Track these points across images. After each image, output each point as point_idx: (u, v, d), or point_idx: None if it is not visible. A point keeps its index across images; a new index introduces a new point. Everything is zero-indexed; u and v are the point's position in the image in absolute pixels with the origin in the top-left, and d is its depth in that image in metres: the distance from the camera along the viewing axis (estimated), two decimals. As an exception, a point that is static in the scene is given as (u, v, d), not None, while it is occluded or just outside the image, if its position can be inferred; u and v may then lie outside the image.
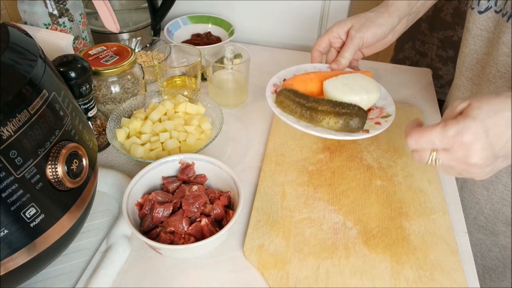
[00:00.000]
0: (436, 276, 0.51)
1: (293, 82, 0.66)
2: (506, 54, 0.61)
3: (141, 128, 0.64)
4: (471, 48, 0.68)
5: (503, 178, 0.68)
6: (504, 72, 0.62)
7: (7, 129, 0.36)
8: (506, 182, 0.68)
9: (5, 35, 0.40)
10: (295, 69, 0.71)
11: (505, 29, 0.60)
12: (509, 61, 0.61)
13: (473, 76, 0.70)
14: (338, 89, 0.61)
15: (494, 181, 0.70)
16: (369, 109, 0.64)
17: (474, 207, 0.75)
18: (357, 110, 0.58)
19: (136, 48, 0.89)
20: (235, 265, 0.53)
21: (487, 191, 0.72)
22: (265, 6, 0.96)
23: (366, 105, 0.62)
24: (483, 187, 0.72)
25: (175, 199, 0.52)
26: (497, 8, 0.61)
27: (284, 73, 0.70)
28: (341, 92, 0.61)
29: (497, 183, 0.69)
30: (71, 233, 0.45)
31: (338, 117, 0.58)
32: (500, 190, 0.70)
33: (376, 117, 0.62)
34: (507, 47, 0.60)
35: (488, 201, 0.72)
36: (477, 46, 0.67)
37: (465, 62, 0.70)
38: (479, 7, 0.64)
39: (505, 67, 0.62)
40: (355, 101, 0.60)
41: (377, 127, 0.60)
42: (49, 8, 0.73)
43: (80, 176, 0.44)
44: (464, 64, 0.71)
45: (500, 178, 0.68)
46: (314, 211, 0.59)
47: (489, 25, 0.64)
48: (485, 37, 0.65)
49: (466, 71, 0.71)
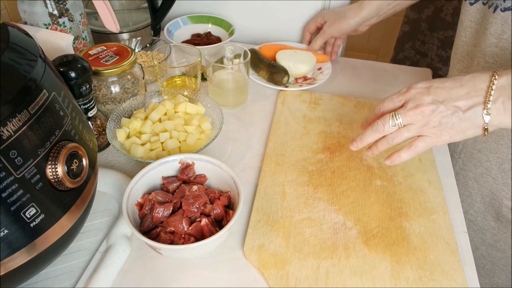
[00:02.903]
0: (436, 276, 0.51)
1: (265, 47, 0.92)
2: (494, 44, 0.62)
3: (141, 128, 0.64)
4: (462, 40, 0.69)
5: (493, 171, 0.69)
6: (492, 62, 0.63)
7: (7, 129, 0.36)
8: (495, 175, 0.69)
9: (5, 35, 0.40)
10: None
11: (492, 19, 0.60)
12: (496, 51, 0.62)
13: (463, 68, 0.71)
14: (282, 56, 0.87)
15: (484, 173, 0.70)
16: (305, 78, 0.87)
17: (465, 200, 0.75)
18: (280, 70, 0.83)
19: (136, 48, 0.89)
20: (235, 265, 0.53)
21: (477, 184, 0.72)
22: (265, 6, 0.96)
23: (295, 71, 0.85)
24: (474, 179, 0.73)
25: (175, 199, 0.52)
26: (484, 0, 0.62)
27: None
28: (282, 58, 0.86)
29: (487, 175, 0.70)
30: (71, 233, 0.45)
31: (268, 70, 0.84)
32: (489, 183, 0.70)
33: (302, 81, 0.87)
34: (495, 38, 0.61)
35: (479, 194, 0.73)
36: (467, 38, 0.68)
37: (457, 54, 0.71)
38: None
39: (493, 58, 0.63)
40: (286, 65, 0.84)
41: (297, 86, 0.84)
42: (49, 8, 0.73)
43: (80, 176, 0.44)
44: (456, 56, 0.72)
45: (490, 171, 0.69)
46: (314, 211, 0.59)
47: (477, 16, 0.64)
48: (474, 29, 0.66)
49: (458, 63, 0.72)
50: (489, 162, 0.69)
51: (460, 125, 0.48)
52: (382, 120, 0.51)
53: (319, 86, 0.84)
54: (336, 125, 0.74)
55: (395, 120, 0.50)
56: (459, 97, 0.48)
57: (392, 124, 0.50)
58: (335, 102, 0.80)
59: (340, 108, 0.78)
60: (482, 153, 0.70)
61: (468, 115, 0.48)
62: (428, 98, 0.49)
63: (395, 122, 0.50)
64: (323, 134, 0.72)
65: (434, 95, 0.49)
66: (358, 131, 0.73)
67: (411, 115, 0.49)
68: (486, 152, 0.69)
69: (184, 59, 0.87)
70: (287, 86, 0.83)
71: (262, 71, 0.85)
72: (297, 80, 0.86)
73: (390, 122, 0.50)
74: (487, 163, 0.70)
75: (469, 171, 0.73)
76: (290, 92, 0.82)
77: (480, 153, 0.70)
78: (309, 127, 0.74)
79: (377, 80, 0.88)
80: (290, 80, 0.86)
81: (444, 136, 0.49)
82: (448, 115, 0.48)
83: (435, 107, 0.48)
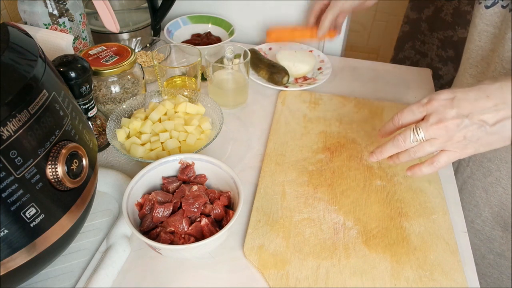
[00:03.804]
0: (436, 276, 0.51)
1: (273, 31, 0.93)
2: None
3: (141, 128, 0.64)
4: (476, 44, 0.67)
5: (503, 181, 0.67)
6: (509, 68, 0.61)
7: (7, 129, 0.36)
8: (505, 185, 0.67)
9: (5, 35, 0.40)
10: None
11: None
12: None
13: (477, 73, 0.69)
14: (282, 56, 0.87)
15: (494, 183, 0.69)
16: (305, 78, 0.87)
17: (472, 209, 0.74)
18: (280, 70, 0.82)
19: (136, 48, 0.89)
20: (235, 265, 0.53)
21: (486, 194, 0.71)
22: (265, 6, 0.96)
23: (295, 71, 0.85)
24: (483, 189, 0.71)
25: (175, 199, 0.52)
26: (503, 3, 0.60)
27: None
28: (282, 58, 0.86)
29: (496, 185, 0.69)
30: (71, 233, 0.45)
31: (268, 71, 0.84)
32: (499, 193, 0.69)
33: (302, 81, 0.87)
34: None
35: (487, 204, 0.72)
36: (483, 42, 0.66)
37: (470, 59, 0.69)
38: (485, 2, 0.62)
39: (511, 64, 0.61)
40: (286, 65, 0.84)
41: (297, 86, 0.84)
42: (49, 8, 0.73)
43: (80, 176, 0.44)
44: (468, 61, 0.70)
45: (500, 181, 0.68)
46: (314, 211, 0.59)
47: (495, 20, 0.62)
48: (491, 33, 0.64)
49: (471, 68, 0.70)
50: (500, 172, 0.68)
51: (487, 139, 0.46)
52: (403, 136, 0.49)
53: (319, 86, 0.84)
54: (336, 125, 0.74)
55: (417, 135, 0.48)
56: (485, 110, 0.45)
57: (413, 140, 0.48)
58: (335, 102, 0.80)
59: (340, 108, 0.78)
60: (493, 162, 0.68)
61: (497, 129, 0.45)
62: (452, 112, 0.46)
63: (417, 138, 0.48)
64: (323, 134, 0.72)
65: (458, 107, 0.46)
66: (358, 131, 0.73)
67: (434, 130, 0.47)
68: (496, 162, 0.67)
69: (184, 59, 0.87)
70: (287, 86, 0.83)
71: (262, 71, 0.85)
72: (297, 80, 0.86)
73: (411, 138, 0.48)
74: (497, 172, 0.68)
75: (478, 180, 0.72)
76: (290, 92, 0.82)
77: (490, 162, 0.69)
78: (309, 127, 0.74)
79: (377, 80, 0.88)
80: (290, 80, 0.86)
81: (469, 150, 0.47)
82: (474, 130, 0.46)
83: (460, 121, 0.46)
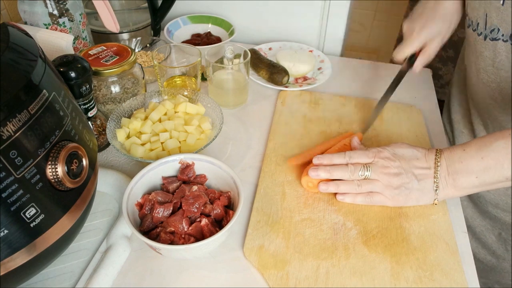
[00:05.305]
0: (436, 276, 0.51)
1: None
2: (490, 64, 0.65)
3: (141, 128, 0.64)
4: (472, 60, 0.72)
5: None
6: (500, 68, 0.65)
7: (7, 129, 0.36)
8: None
9: (5, 35, 0.40)
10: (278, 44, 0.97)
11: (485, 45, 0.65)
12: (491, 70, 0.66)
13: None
14: (282, 56, 0.88)
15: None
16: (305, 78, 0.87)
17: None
18: (280, 70, 0.83)
19: (136, 48, 0.89)
20: (235, 266, 0.53)
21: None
22: (265, 6, 0.96)
23: (295, 71, 0.86)
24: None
25: (175, 199, 0.52)
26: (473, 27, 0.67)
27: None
28: (282, 58, 0.88)
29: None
30: (71, 233, 0.45)
31: (268, 71, 0.84)
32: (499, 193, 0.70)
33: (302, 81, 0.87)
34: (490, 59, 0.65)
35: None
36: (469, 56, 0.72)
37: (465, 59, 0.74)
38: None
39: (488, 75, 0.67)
40: (286, 65, 0.85)
41: (297, 86, 0.84)
42: (49, 8, 0.73)
43: (80, 176, 0.44)
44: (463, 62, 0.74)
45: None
46: (314, 211, 0.59)
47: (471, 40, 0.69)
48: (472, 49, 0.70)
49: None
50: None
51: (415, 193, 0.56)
52: (354, 167, 0.57)
53: (319, 86, 0.84)
54: (336, 125, 0.74)
55: (365, 171, 0.56)
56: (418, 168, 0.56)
57: (361, 174, 0.56)
58: (335, 102, 0.80)
59: (340, 108, 0.78)
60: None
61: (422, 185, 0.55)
62: (395, 164, 0.56)
63: (365, 174, 0.56)
64: (323, 134, 0.72)
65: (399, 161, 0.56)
66: (358, 131, 0.73)
67: (379, 173, 0.56)
68: None
69: (184, 59, 0.87)
70: (287, 86, 0.83)
71: (262, 71, 0.85)
72: (297, 80, 0.86)
73: (360, 172, 0.56)
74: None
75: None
76: (290, 92, 0.82)
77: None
78: (309, 127, 0.74)
79: (377, 80, 0.88)
80: (290, 80, 0.86)
81: (400, 199, 0.57)
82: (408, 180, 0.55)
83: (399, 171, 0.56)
